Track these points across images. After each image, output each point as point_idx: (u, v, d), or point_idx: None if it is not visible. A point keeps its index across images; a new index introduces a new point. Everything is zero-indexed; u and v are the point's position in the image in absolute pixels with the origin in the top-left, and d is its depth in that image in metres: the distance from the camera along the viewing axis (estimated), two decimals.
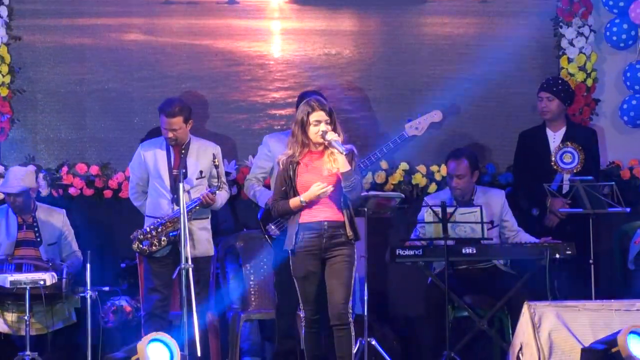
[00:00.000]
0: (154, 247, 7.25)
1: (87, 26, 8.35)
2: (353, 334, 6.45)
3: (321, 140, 6.48)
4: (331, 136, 6.42)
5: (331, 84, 8.37)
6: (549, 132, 8.02)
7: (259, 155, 7.68)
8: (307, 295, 6.51)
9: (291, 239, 6.51)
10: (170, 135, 7.28)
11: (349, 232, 6.48)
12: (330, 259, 6.49)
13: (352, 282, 6.49)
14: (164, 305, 7.29)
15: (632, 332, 6.42)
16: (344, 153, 6.41)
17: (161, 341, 6.47)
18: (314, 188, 6.45)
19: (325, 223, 6.49)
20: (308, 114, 6.48)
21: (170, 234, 7.21)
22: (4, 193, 7.73)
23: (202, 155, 7.37)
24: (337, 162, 6.46)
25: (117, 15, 8.39)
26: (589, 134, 8.12)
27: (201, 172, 7.29)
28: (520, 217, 7.74)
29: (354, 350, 6.56)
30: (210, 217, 7.43)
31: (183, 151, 7.36)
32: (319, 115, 6.46)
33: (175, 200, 7.17)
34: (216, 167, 7.27)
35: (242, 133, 8.37)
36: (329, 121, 6.48)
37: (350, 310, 6.44)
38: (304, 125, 6.50)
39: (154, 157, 7.39)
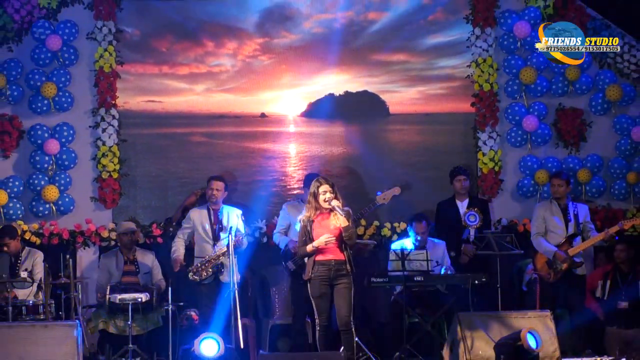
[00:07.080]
0: (203, 276, 7.44)
1: (169, 133, 8.66)
2: (354, 335, 6.62)
3: (327, 205, 6.64)
4: (335, 202, 6.62)
5: (328, 170, 8.52)
6: (457, 202, 8.18)
7: (280, 217, 7.86)
8: (321, 308, 6.67)
9: (309, 272, 6.65)
10: (213, 192, 7.51)
11: (348, 267, 6.66)
12: (336, 285, 6.65)
13: (352, 300, 6.63)
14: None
15: (529, 332, 6.67)
16: (343, 214, 6.60)
17: (212, 338, 6.58)
18: (322, 238, 6.60)
19: (333, 261, 6.65)
20: (318, 187, 6.65)
21: (212, 267, 7.38)
22: (120, 232, 7.93)
23: (232, 215, 7.60)
24: (339, 220, 6.61)
25: (187, 125, 8.68)
26: (484, 203, 8.31)
27: (231, 227, 7.41)
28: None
29: None
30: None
31: (219, 213, 7.58)
32: (325, 188, 6.64)
33: (214, 245, 7.38)
34: (243, 221, 7.56)
35: (269, 202, 8.52)
36: (332, 192, 6.62)
37: (352, 319, 6.59)
38: (316, 196, 6.65)
39: (199, 217, 7.59)
